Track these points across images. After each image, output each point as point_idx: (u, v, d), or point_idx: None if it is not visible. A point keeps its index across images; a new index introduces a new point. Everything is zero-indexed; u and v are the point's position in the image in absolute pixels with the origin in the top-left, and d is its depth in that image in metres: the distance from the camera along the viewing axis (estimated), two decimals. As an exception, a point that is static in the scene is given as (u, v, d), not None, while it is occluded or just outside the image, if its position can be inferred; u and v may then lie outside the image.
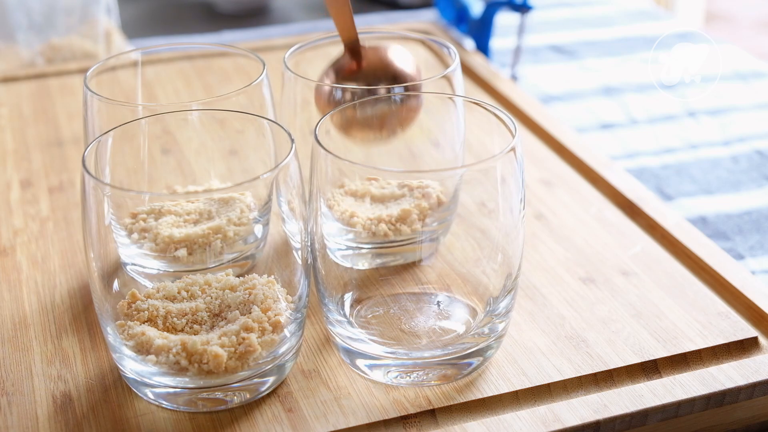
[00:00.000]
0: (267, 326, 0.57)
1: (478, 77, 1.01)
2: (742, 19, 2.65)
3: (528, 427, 0.56)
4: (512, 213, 0.59)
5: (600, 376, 0.60)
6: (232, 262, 0.64)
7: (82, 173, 0.55)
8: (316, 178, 0.58)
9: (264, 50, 0.98)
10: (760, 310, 0.65)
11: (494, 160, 0.57)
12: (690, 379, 0.60)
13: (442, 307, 0.64)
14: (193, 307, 0.58)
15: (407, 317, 0.63)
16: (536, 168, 0.84)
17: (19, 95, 0.98)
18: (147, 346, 0.56)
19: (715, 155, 0.94)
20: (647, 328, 0.64)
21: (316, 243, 0.59)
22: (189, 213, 0.66)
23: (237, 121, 0.66)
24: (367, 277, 0.67)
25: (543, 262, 0.71)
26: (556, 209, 0.78)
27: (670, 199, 0.86)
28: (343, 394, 0.59)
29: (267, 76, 0.68)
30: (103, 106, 0.65)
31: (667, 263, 0.71)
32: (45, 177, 0.83)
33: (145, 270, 0.64)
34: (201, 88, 0.95)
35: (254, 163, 0.68)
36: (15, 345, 0.64)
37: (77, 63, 1.05)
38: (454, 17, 1.13)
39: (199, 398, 0.57)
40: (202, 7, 1.44)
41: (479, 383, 0.60)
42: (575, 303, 0.67)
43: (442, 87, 0.68)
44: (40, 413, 0.58)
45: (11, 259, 0.72)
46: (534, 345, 0.63)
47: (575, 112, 1.03)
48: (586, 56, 1.16)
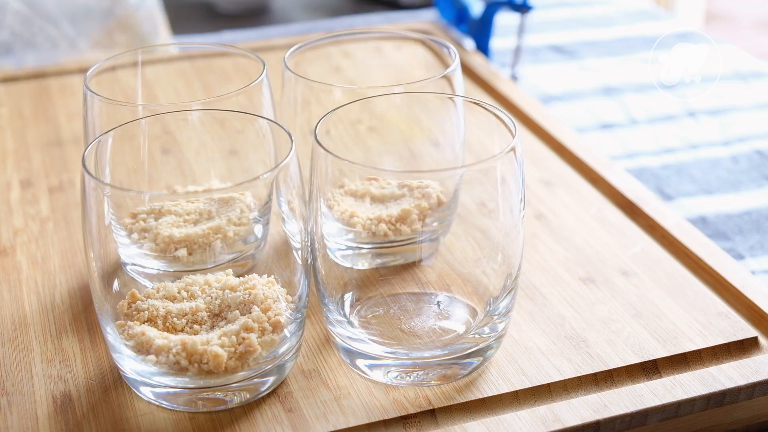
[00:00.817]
0: (267, 326, 0.57)
1: (478, 77, 1.01)
2: (742, 19, 2.65)
3: (528, 427, 0.56)
4: (512, 213, 0.59)
5: (600, 376, 0.60)
6: (232, 262, 0.64)
7: (82, 173, 0.55)
8: (316, 178, 0.58)
9: (264, 50, 0.98)
10: (760, 310, 0.65)
11: (494, 160, 0.57)
12: (690, 379, 0.60)
13: (442, 307, 0.64)
14: (193, 307, 0.58)
15: (407, 317, 0.63)
16: (536, 168, 0.84)
17: (19, 95, 0.98)
18: (147, 346, 0.56)
19: (715, 155, 0.94)
20: (647, 328, 0.64)
21: (316, 243, 0.59)
22: (189, 213, 0.66)
23: (237, 121, 0.66)
24: (367, 277, 0.66)
25: (543, 262, 0.71)
26: (556, 209, 0.78)
27: (670, 199, 0.86)
28: (343, 394, 0.59)
29: (267, 76, 0.68)
30: (103, 106, 0.65)
31: (667, 263, 0.71)
32: (45, 177, 0.83)
33: (145, 270, 0.64)
34: (201, 88, 0.95)
35: (254, 163, 0.68)
36: (15, 345, 0.64)
37: (77, 63, 1.05)
38: (454, 17, 1.13)
39: (199, 398, 0.57)
40: (202, 7, 1.44)
41: (479, 383, 0.60)
42: (575, 303, 0.67)
43: (442, 87, 0.68)
44: (40, 413, 0.58)
45: (11, 259, 0.72)
46: (534, 345, 0.63)
47: (575, 112, 1.02)
48: (586, 56, 1.16)
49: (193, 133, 0.70)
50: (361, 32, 0.85)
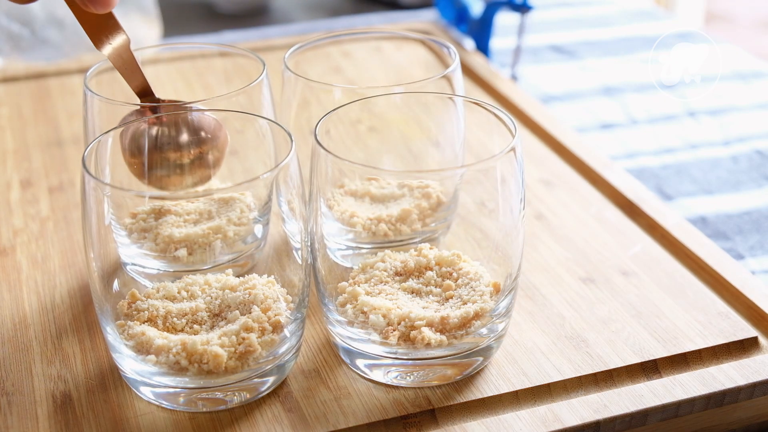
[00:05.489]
0: (267, 326, 0.57)
1: (478, 77, 1.01)
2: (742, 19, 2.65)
3: (528, 427, 0.56)
4: (512, 213, 0.59)
5: (600, 376, 0.60)
6: (232, 262, 0.64)
7: (82, 173, 0.55)
8: (316, 178, 0.58)
9: (264, 50, 0.98)
10: (760, 310, 0.65)
11: (494, 160, 0.57)
12: (690, 379, 0.60)
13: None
14: (193, 307, 0.58)
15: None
16: (536, 168, 0.84)
17: (19, 95, 0.98)
18: (147, 346, 0.56)
19: (715, 155, 0.94)
20: (647, 328, 0.64)
21: (316, 243, 0.59)
22: (189, 213, 0.66)
23: (237, 121, 0.66)
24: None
25: (543, 262, 0.71)
26: (556, 209, 0.78)
27: (670, 199, 0.86)
28: (343, 394, 0.59)
29: (267, 76, 0.68)
30: (103, 106, 0.65)
31: (667, 263, 0.71)
32: (45, 177, 0.83)
33: (145, 270, 0.64)
34: (201, 88, 0.95)
35: (254, 163, 0.68)
36: (15, 345, 0.64)
37: (77, 63, 1.05)
38: (454, 17, 1.13)
39: (199, 398, 0.57)
40: (202, 7, 1.44)
41: (479, 383, 0.60)
42: (575, 303, 0.67)
43: (442, 87, 0.68)
44: (40, 413, 0.58)
45: (11, 259, 0.72)
46: (534, 345, 0.63)
47: (575, 112, 1.02)
48: (586, 56, 1.16)
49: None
50: (361, 32, 0.84)
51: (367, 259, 0.62)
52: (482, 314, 0.58)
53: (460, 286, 0.60)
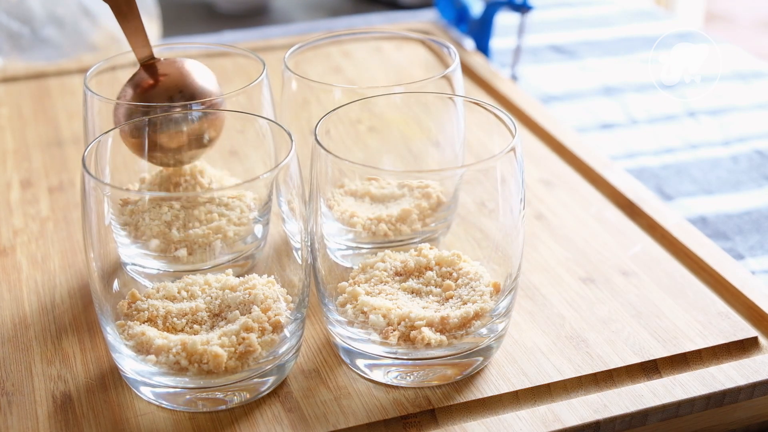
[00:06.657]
0: (267, 326, 0.57)
1: (478, 77, 1.01)
2: (742, 19, 2.65)
3: (528, 427, 0.56)
4: (512, 213, 0.59)
5: (600, 376, 0.60)
6: (232, 262, 0.64)
7: (82, 173, 0.56)
8: (316, 178, 0.58)
9: (264, 50, 0.98)
10: (760, 310, 0.65)
11: (494, 160, 0.57)
12: (690, 379, 0.60)
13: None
14: (193, 307, 0.58)
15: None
16: (536, 168, 0.84)
17: (19, 95, 0.98)
18: (147, 346, 0.56)
19: (715, 155, 0.94)
20: (647, 328, 0.64)
21: (316, 243, 0.59)
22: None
23: (237, 121, 0.66)
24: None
25: (543, 262, 0.71)
26: (556, 209, 0.78)
27: (670, 199, 0.86)
28: (343, 394, 0.59)
29: (267, 76, 0.68)
30: (103, 106, 0.65)
31: (667, 263, 0.71)
32: (45, 177, 0.83)
33: (145, 270, 0.64)
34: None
35: (254, 163, 0.68)
36: (15, 345, 0.64)
37: (77, 63, 1.05)
38: (454, 17, 1.13)
39: (199, 398, 0.57)
40: (202, 7, 1.44)
41: (479, 383, 0.60)
42: (575, 303, 0.67)
43: (442, 87, 0.68)
44: (40, 413, 0.58)
45: (11, 259, 0.72)
46: (534, 345, 0.63)
47: (575, 112, 1.02)
48: (586, 56, 1.16)
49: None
50: (361, 32, 0.84)
51: (367, 259, 0.62)
52: (482, 314, 0.58)
53: (460, 286, 0.60)
